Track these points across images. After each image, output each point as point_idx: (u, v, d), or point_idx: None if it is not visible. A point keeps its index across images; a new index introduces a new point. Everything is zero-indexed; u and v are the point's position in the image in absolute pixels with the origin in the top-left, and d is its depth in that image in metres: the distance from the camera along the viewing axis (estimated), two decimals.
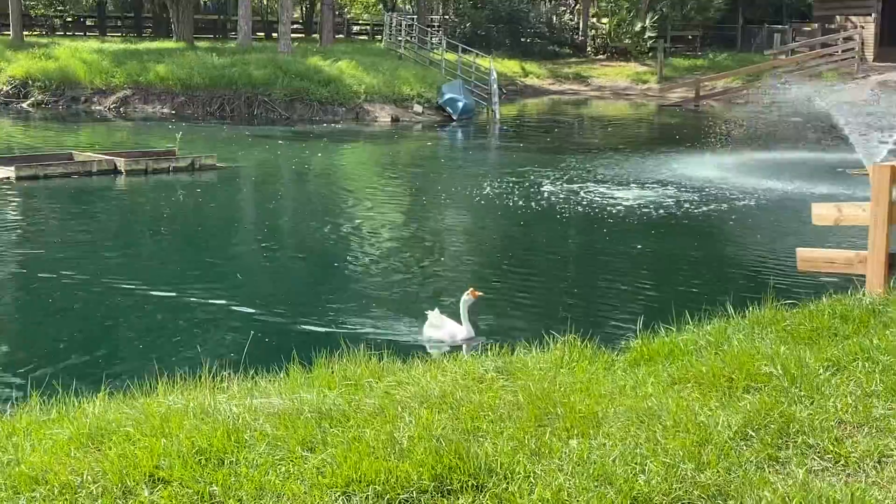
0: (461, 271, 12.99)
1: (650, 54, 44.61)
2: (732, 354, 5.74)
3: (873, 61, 42.31)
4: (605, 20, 48.45)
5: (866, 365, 5.41)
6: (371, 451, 4.32)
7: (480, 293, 9.63)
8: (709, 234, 15.45)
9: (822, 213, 8.79)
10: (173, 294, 11.06)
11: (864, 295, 7.34)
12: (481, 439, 4.55)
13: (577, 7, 50.32)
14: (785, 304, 7.02)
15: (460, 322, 9.50)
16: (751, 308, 7.06)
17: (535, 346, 6.55)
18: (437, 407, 5.03)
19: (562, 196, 18.22)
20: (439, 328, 9.52)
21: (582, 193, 18.54)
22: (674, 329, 6.97)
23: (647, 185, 19.50)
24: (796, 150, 24.36)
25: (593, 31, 49.50)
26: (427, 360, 6.20)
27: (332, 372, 5.96)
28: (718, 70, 41.62)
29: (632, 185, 19.63)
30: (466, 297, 9.42)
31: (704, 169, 21.52)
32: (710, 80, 39.62)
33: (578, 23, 50.15)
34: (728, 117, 29.20)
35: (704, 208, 17.12)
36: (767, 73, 36.64)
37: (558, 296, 11.65)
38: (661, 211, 16.94)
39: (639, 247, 14.39)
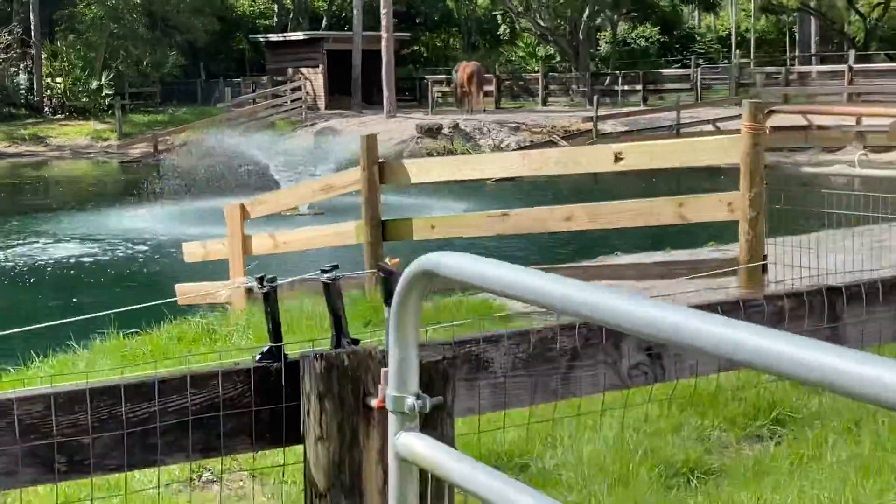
0: None
1: (109, 112, 44.67)
2: None
3: (325, 109, 45.40)
4: (59, 79, 47.71)
5: None
6: None
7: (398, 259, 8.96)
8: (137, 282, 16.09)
9: (192, 251, 9.77)
10: None
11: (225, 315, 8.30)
12: None
13: (29, 66, 49.06)
14: (129, 332, 7.78)
15: None
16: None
17: None
18: None
19: (11, 262, 18.09)
20: None
21: (29, 255, 18.50)
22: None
23: (88, 241, 19.82)
24: (233, 195, 25.74)
25: (49, 90, 48.55)
26: None
27: None
28: (178, 124, 42.68)
29: (79, 241, 19.88)
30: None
31: (151, 221, 22.17)
32: (169, 133, 40.51)
33: (32, 82, 48.94)
34: (184, 169, 30.14)
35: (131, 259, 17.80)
36: (222, 125, 38.14)
37: None
38: (90, 263, 17.40)
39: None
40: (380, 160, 8.26)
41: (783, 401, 5.31)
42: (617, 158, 7.09)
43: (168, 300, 7.92)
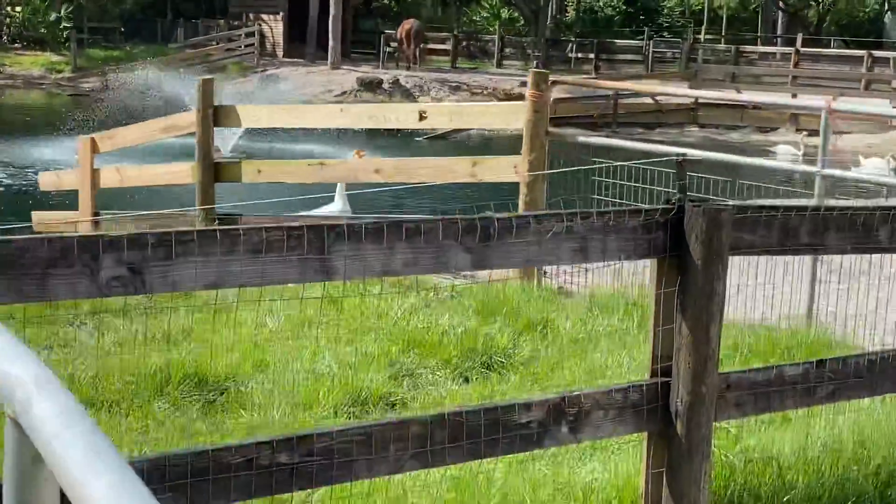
0: None
1: (66, 44, 44.52)
2: None
3: (284, 57, 45.36)
4: (19, 9, 47.44)
5: None
6: None
7: (366, 153, 9.08)
8: None
9: (47, 181, 10.11)
10: None
11: None
12: None
13: None
14: None
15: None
16: None
17: None
18: None
19: None
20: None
21: None
22: None
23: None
24: None
25: (8, 18, 48.29)
26: None
27: None
28: (134, 61, 42.66)
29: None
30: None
31: (61, 151, 22.36)
32: (120, 69, 40.51)
33: None
34: (126, 105, 30.29)
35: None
36: (172, 65, 38.16)
37: None
38: None
39: None
40: (215, 105, 8.63)
41: (497, 347, 5.77)
42: (421, 117, 7.49)
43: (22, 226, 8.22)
